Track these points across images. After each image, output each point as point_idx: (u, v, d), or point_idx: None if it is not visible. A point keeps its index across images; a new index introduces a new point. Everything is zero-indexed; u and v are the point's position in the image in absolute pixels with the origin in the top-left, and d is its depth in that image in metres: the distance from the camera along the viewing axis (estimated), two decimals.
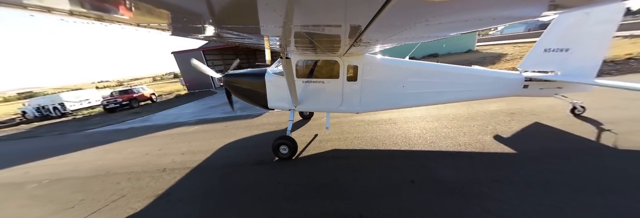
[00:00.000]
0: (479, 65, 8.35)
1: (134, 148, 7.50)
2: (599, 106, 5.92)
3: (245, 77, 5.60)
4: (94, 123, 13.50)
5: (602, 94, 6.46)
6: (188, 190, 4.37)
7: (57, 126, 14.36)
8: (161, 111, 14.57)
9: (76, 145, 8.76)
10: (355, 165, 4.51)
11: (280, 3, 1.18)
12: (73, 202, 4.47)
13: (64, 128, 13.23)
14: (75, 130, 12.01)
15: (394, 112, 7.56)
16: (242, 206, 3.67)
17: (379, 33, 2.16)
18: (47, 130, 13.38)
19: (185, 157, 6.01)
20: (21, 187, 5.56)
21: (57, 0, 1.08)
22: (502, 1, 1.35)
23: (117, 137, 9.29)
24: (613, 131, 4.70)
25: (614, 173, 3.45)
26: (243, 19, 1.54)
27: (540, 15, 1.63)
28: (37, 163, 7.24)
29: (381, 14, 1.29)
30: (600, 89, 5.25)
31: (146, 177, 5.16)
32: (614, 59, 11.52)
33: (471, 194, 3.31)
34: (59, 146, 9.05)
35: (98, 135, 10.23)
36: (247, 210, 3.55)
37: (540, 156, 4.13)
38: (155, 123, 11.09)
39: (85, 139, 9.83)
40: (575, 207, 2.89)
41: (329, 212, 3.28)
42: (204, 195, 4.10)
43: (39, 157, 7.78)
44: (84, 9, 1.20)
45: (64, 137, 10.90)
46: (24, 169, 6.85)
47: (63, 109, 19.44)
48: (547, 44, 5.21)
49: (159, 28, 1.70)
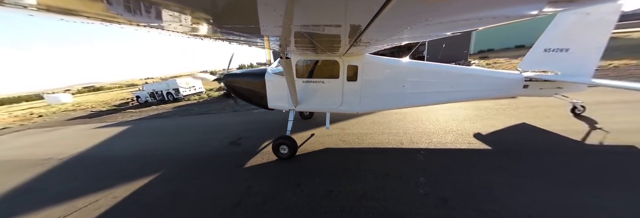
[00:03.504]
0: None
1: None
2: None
3: (245, 77, 5.59)
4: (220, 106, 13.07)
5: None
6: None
7: (191, 107, 14.37)
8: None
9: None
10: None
11: (280, 3, 1.18)
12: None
13: (203, 108, 13.10)
14: (229, 111, 11.50)
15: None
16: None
17: (379, 33, 2.15)
18: (197, 110, 13.04)
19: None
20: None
21: (57, 0, 1.08)
22: (502, 2, 1.34)
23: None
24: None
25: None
26: (243, 19, 1.54)
27: (540, 13, 1.63)
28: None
29: (381, 13, 1.29)
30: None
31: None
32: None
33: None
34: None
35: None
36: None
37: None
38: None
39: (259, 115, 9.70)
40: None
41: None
42: None
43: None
44: (84, 9, 1.20)
45: (236, 114, 10.56)
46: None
47: (176, 94, 19.85)
48: (547, 44, 5.22)
49: (159, 28, 1.70)
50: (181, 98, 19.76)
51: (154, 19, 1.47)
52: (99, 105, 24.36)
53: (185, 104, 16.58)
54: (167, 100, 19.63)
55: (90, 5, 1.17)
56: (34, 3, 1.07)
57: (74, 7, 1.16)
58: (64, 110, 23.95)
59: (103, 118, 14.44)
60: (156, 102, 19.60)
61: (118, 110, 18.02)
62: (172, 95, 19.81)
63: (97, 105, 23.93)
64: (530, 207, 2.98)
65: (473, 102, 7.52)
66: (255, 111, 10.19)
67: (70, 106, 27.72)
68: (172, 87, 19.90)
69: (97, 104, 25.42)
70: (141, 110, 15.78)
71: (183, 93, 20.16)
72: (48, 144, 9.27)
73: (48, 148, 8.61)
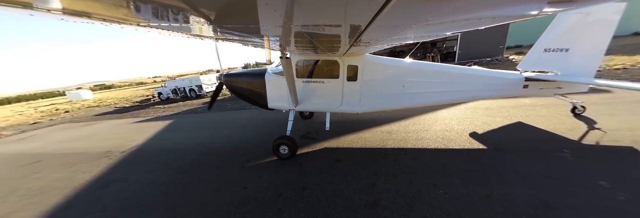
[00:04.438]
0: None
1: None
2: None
3: (245, 77, 5.59)
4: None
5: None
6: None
7: (224, 103, 13.86)
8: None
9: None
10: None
11: (280, 3, 1.17)
12: None
13: (236, 104, 12.73)
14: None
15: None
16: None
17: (379, 33, 2.15)
18: (231, 105, 12.74)
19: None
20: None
21: (56, 0, 1.08)
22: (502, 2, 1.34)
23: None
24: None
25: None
26: (243, 19, 1.54)
27: (540, 13, 1.63)
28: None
29: (381, 13, 1.29)
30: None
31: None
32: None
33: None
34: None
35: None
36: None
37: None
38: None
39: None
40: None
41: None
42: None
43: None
44: (84, 9, 1.20)
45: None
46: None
47: (199, 91, 19.91)
48: (547, 44, 5.22)
49: (159, 28, 1.69)
50: (203, 95, 19.84)
51: (154, 19, 1.47)
52: (121, 101, 24.74)
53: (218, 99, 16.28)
54: (189, 97, 19.66)
55: (90, 5, 1.16)
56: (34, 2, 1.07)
57: (74, 6, 1.16)
58: (87, 106, 24.44)
59: (135, 114, 14.44)
60: (180, 98, 19.66)
61: (141, 106, 18.17)
62: (195, 92, 19.86)
63: (118, 102, 24.32)
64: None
65: (473, 102, 7.51)
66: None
67: (92, 102, 28.41)
68: (195, 83, 20.02)
69: (118, 101, 25.88)
70: (169, 106, 15.75)
71: (205, 90, 20.26)
72: (95, 138, 9.24)
73: (98, 141, 8.60)
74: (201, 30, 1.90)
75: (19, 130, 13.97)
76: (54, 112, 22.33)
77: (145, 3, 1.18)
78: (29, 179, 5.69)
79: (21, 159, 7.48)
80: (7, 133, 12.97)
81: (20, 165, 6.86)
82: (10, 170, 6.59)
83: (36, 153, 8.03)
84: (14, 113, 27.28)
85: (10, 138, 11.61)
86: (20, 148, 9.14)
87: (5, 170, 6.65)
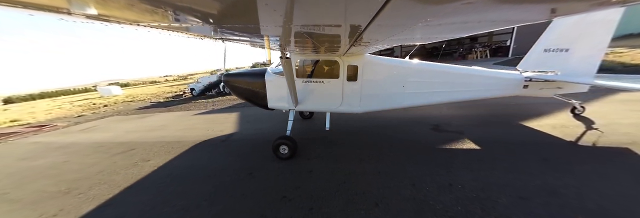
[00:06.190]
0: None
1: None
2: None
3: (245, 77, 5.59)
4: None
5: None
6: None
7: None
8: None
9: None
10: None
11: (280, 2, 1.18)
12: None
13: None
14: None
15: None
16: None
17: (379, 33, 2.16)
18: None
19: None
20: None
21: (56, 0, 1.08)
22: (502, 6, 1.35)
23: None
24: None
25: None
26: (243, 19, 1.54)
27: (540, 19, 1.63)
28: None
29: (381, 13, 1.29)
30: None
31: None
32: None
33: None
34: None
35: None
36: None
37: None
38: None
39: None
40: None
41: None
42: None
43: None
44: (84, 9, 1.20)
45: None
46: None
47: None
48: (547, 44, 5.22)
49: (159, 27, 1.70)
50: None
51: (154, 19, 1.47)
52: (152, 97, 24.92)
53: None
54: (222, 92, 19.45)
55: (90, 5, 1.16)
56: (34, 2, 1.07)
57: (73, 6, 1.16)
58: (122, 101, 24.55)
59: (182, 108, 13.99)
60: (214, 94, 19.57)
61: (177, 101, 18.19)
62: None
63: (151, 97, 24.50)
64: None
65: (472, 102, 7.51)
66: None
67: (125, 98, 28.66)
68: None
69: (149, 96, 26.20)
70: (212, 101, 15.43)
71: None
72: (170, 128, 8.72)
73: (180, 131, 8.07)
74: (201, 30, 1.91)
75: (70, 122, 13.45)
76: (92, 106, 22.62)
77: (145, 3, 1.18)
78: (145, 166, 5.20)
79: (107, 148, 6.97)
80: (62, 125, 12.56)
81: (115, 154, 6.35)
82: (109, 158, 6.07)
83: (119, 142, 7.53)
84: (52, 107, 27.65)
85: (70, 129, 11.04)
86: (92, 138, 8.62)
87: (104, 158, 6.10)
